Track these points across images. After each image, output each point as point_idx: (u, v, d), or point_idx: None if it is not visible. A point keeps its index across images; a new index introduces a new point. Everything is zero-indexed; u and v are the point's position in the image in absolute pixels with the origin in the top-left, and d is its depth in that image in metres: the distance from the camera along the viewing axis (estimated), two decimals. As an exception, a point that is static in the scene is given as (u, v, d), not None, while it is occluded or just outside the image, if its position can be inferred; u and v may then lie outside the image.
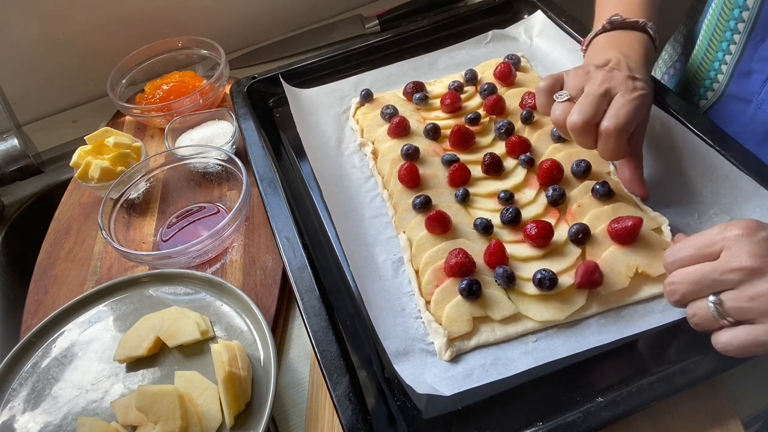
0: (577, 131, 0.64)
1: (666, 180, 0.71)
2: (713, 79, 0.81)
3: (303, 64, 0.95)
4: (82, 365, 0.65)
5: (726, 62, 0.78)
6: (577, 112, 0.63)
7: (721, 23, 0.77)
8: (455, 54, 0.95)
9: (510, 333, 0.59)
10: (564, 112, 0.65)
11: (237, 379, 0.58)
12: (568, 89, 0.67)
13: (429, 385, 0.56)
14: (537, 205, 0.70)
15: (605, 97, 0.64)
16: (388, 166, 0.76)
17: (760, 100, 0.75)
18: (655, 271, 0.61)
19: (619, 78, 0.65)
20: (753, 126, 0.78)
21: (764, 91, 0.74)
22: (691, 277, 0.51)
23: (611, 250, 0.63)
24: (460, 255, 0.62)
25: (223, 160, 0.83)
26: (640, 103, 0.63)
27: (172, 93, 0.99)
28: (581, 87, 0.66)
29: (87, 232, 0.85)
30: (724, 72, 0.79)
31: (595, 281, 0.60)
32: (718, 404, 0.58)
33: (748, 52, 0.74)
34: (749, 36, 0.73)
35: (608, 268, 0.62)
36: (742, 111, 0.79)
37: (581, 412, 0.53)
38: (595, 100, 0.63)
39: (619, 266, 0.62)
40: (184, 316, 0.66)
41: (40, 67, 1.06)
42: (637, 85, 0.65)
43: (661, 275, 0.61)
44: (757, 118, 0.77)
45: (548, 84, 0.69)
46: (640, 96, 0.64)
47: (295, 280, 0.65)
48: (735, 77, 0.78)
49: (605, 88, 0.64)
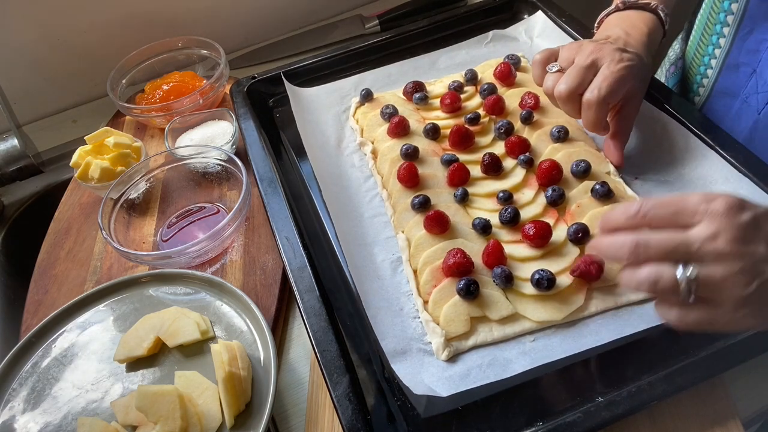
0: (562, 100, 0.68)
1: (664, 180, 0.71)
2: (703, 74, 0.82)
3: (303, 63, 0.95)
4: (82, 365, 0.65)
5: (715, 56, 0.78)
6: (562, 82, 0.67)
7: (712, 16, 0.77)
8: (455, 54, 0.95)
9: (508, 333, 0.60)
10: (554, 82, 0.69)
11: (237, 379, 0.58)
12: (560, 61, 0.70)
13: (426, 385, 0.56)
14: (536, 206, 0.70)
15: (591, 69, 0.66)
16: (388, 165, 0.76)
17: (746, 94, 0.75)
18: None
19: (608, 50, 0.67)
20: (739, 122, 0.78)
21: (750, 84, 0.75)
22: (667, 243, 0.46)
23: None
24: (458, 255, 0.62)
25: (223, 160, 0.83)
26: (624, 75, 0.65)
27: (172, 93, 0.99)
28: (572, 59, 0.69)
29: (87, 232, 0.86)
30: (713, 66, 0.79)
31: (590, 273, 0.60)
32: (718, 404, 0.58)
33: (737, 45, 0.75)
34: (738, 28, 0.73)
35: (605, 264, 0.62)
36: (730, 107, 0.79)
37: (581, 412, 0.53)
38: (581, 71, 0.66)
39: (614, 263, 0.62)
40: (184, 316, 0.66)
41: (40, 67, 1.07)
42: (624, 57, 0.66)
43: None
44: (743, 113, 0.77)
45: (543, 56, 0.72)
46: (625, 68, 0.65)
47: (295, 280, 0.65)
48: (724, 71, 0.78)
49: (592, 59, 0.66)
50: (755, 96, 0.74)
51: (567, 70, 0.68)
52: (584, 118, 0.67)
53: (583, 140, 0.76)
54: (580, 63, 0.67)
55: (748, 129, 0.77)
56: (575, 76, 0.66)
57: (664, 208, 0.47)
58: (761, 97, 0.73)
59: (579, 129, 0.77)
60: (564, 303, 0.60)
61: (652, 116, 0.76)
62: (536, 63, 0.72)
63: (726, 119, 0.79)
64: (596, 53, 0.67)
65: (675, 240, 0.46)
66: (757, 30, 0.71)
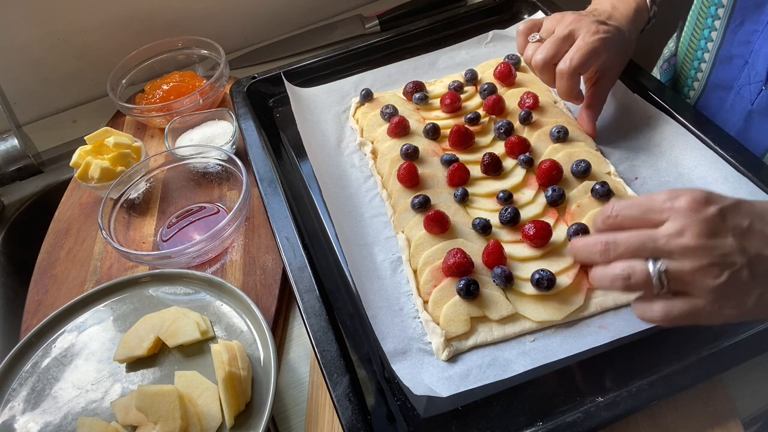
0: (538, 69, 0.71)
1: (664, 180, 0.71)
2: (697, 68, 0.82)
3: (303, 63, 0.95)
4: (82, 365, 0.65)
5: (708, 50, 0.79)
6: (539, 52, 0.70)
7: (704, 10, 0.78)
8: (455, 54, 0.95)
9: (508, 333, 0.60)
10: (533, 51, 0.72)
11: (237, 379, 0.58)
12: (542, 32, 0.73)
13: (426, 386, 0.56)
14: (536, 206, 0.70)
15: (567, 40, 0.69)
16: (388, 165, 0.76)
17: (740, 85, 0.76)
18: None
19: (586, 22, 0.69)
20: (733, 114, 0.78)
21: (743, 75, 0.75)
22: (634, 241, 0.48)
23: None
24: (458, 255, 0.62)
25: (223, 160, 0.83)
26: (597, 47, 0.67)
27: (172, 93, 0.99)
28: (553, 29, 0.71)
29: (87, 232, 0.86)
30: (707, 60, 0.80)
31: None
32: (718, 404, 0.58)
33: (728, 38, 0.75)
34: (729, 21, 0.74)
35: None
36: (724, 99, 0.79)
37: (581, 412, 0.53)
38: (557, 42, 0.69)
39: None
40: (184, 316, 0.66)
41: (40, 67, 1.07)
42: (601, 29, 0.68)
43: None
44: (736, 105, 0.77)
45: (526, 26, 0.75)
46: (599, 39, 0.67)
47: (295, 280, 0.65)
48: (717, 64, 0.79)
49: (569, 30, 0.69)
50: (748, 87, 0.74)
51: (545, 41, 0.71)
52: (557, 87, 0.71)
53: (583, 140, 0.76)
54: (557, 34, 0.70)
55: (743, 120, 0.77)
56: (551, 47, 0.69)
57: (633, 208, 0.49)
58: (753, 87, 0.74)
59: (579, 129, 0.77)
60: (564, 303, 0.60)
61: (651, 116, 0.76)
62: (519, 33, 0.75)
63: (720, 112, 0.80)
64: (574, 24, 0.69)
65: (642, 237, 0.48)
66: (748, 21, 0.72)
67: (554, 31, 0.71)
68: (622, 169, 0.74)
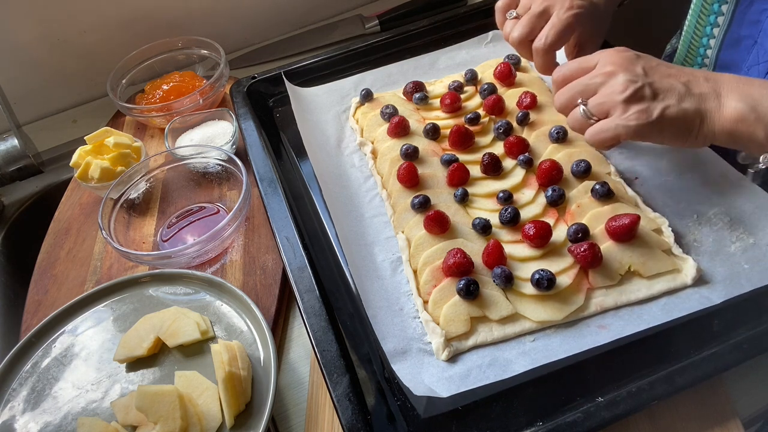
0: (515, 47, 0.75)
1: (664, 180, 0.71)
2: (703, 55, 0.81)
3: (303, 63, 0.95)
4: (82, 365, 0.65)
5: (714, 36, 0.79)
6: (516, 30, 0.73)
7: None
8: (455, 54, 0.95)
9: (508, 333, 0.59)
10: (510, 28, 0.75)
11: (237, 379, 0.58)
12: (518, 9, 0.76)
13: (426, 386, 0.56)
14: (536, 206, 0.70)
15: (542, 16, 0.71)
16: (388, 165, 0.76)
17: (748, 66, 0.75)
18: (647, 271, 0.61)
19: None
20: None
21: (752, 56, 0.75)
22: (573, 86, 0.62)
23: (608, 245, 0.63)
24: (458, 255, 0.62)
25: (223, 160, 0.83)
26: (570, 23, 0.70)
27: (172, 93, 0.99)
28: (529, 5, 0.73)
29: (87, 232, 0.86)
30: (713, 46, 0.79)
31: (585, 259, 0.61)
32: (718, 404, 0.58)
33: (737, 19, 0.75)
34: (737, 4, 0.74)
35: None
36: None
37: (581, 412, 0.53)
38: (532, 19, 0.72)
39: (612, 262, 0.62)
40: (184, 316, 0.66)
41: (40, 67, 1.07)
42: (575, 4, 0.70)
43: (653, 275, 0.61)
44: None
45: (504, 3, 0.77)
46: (572, 15, 0.70)
47: (295, 280, 0.65)
48: (723, 49, 0.78)
49: (545, 6, 0.71)
50: (756, 67, 0.74)
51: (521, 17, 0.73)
52: (534, 62, 0.74)
53: (582, 140, 0.76)
54: (533, 10, 0.72)
55: None
56: (526, 24, 0.72)
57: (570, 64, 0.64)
58: (762, 67, 0.73)
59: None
60: (564, 303, 0.60)
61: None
62: (498, 9, 0.78)
63: None
64: (549, 0, 0.71)
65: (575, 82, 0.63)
66: (758, 1, 0.72)
67: (530, 8, 0.73)
68: (622, 169, 0.74)
